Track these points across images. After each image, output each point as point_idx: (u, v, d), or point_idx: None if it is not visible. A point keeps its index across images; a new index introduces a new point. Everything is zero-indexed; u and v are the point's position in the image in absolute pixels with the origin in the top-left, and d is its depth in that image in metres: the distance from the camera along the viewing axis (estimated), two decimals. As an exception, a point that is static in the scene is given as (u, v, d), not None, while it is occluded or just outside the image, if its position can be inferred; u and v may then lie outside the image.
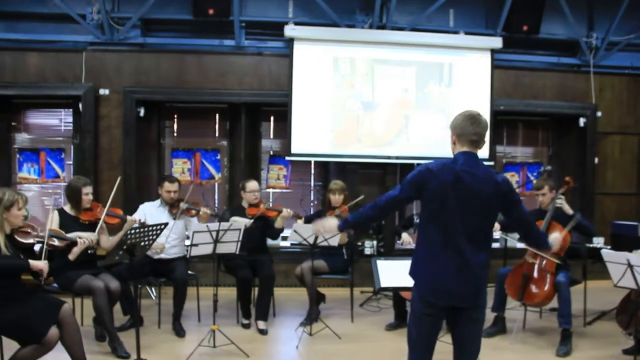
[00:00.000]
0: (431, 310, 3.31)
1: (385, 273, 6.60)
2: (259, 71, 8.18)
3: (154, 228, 4.96)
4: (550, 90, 8.73)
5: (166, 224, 5.13)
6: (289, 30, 7.84)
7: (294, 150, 7.93)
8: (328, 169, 8.54)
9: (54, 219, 5.35)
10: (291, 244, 8.02)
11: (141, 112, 7.98)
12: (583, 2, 8.82)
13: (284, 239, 8.02)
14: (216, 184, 8.62)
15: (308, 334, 5.86)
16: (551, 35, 8.74)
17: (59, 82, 7.82)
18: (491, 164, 8.34)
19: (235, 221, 6.13)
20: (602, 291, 6.58)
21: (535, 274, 5.67)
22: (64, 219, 5.40)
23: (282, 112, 8.14)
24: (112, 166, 7.89)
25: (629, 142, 8.98)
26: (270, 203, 6.64)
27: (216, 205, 8.61)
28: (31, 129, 8.31)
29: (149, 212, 6.23)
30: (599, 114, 8.77)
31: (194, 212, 6.24)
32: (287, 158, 8.19)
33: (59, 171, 8.21)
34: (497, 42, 8.22)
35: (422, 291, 3.33)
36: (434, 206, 3.28)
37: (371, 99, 8.04)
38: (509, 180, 3.46)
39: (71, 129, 8.24)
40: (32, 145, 8.24)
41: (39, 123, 8.34)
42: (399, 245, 7.78)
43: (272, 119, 8.67)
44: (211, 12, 7.80)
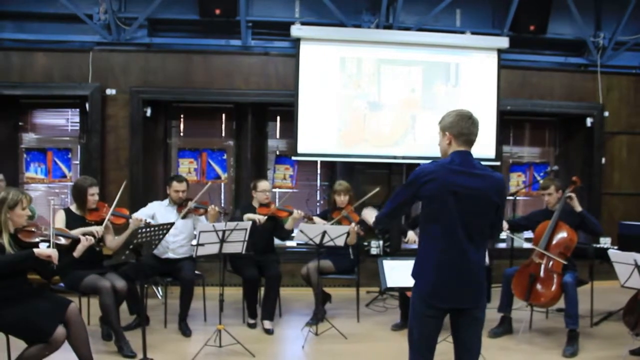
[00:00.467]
0: (433, 312, 3.31)
1: (391, 273, 6.60)
2: (265, 71, 8.18)
3: (160, 227, 4.98)
4: (557, 90, 8.70)
5: (172, 224, 5.15)
6: (296, 30, 7.84)
7: (300, 150, 7.93)
8: (334, 169, 8.54)
9: (59, 218, 5.37)
10: (297, 244, 8.02)
11: (148, 112, 8.00)
12: (590, 2, 8.78)
13: (290, 239, 8.02)
14: (222, 184, 8.63)
15: (314, 334, 5.86)
16: (558, 35, 8.71)
17: (66, 82, 7.84)
18: (498, 164, 8.33)
19: (248, 217, 6.15)
20: (609, 291, 6.56)
21: (542, 274, 5.65)
22: (70, 218, 5.43)
23: (288, 112, 8.14)
24: (119, 166, 7.91)
25: (636, 142, 8.93)
26: (277, 203, 6.63)
27: (222, 205, 8.62)
28: (38, 128, 8.35)
29: (159, 211, 6.24)
30: (606, 114, 8.74)
31: (202, 210, 6.24)
32: (293, 158, 8.19)
33: (65, 171, 8.24)
34: (504, 42, 8.19)
35: (424, 293, 3.32)
36: (434, 207, 3.29)
37: (378, 98, 8.03)
38: (504, 180, 3.47)
39: (78, 128, 8.27)
40: (39, 145, 8.28)
41: (46, 123, 8.37)
42: (405, 245, 7.80)
43: (278, 118, 8.68)
44: (218, 12, 7.80)
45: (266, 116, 8.60)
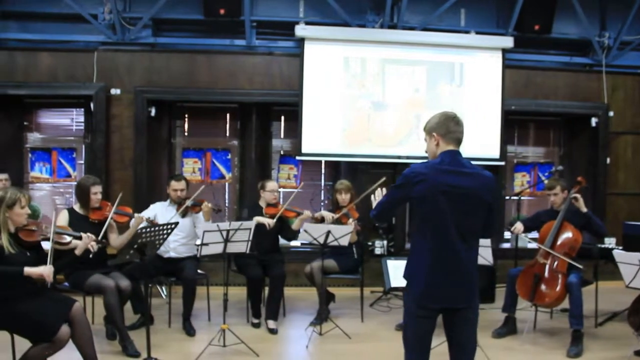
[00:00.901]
0: (426, 312, 3.30)
1: (395, 273, 6.62)
2: (269, 71, 8.18)
3: (165, 227, 4.98)
4: (562, 90, 8.68)
5: (176, 224, 5.16)
6: (300, 30, 7.84)
7: (304, 150, 7.93)
8: (338, 169, 8.53)
9: (63, 218, 5.38)
10: (301, 244, 8.03)
11: (152, 111, 8.00)
12: (595, 2, 8.75)
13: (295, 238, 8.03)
14: (227, 184, 8.63)
15: (318, 334, 5.86)
16: (563, 34, 8.68)
17: (70, 81, 7.85)
18: (502, 164, 8.32)
19: (258, 221, 6.14)
20: (613, 292, 6.54)
21: (546, 275, 5.65)
22: (73, 218, 5.43)
23: (292, 112, 8.14)
24: (123, 166, 7.92)
25: (641, 142, 8.92)
26: (290, 203, 6.59)
27: (226, 205, 8.63)
28: (43, 128, 8.36)
29: (160, 211, 6.26)
30: (611, 113, 8.71)
31: (198, 208, 6.24)
32: (297, 158, 8.18)
33: (70, 171, 8.26)
34: (508, 42, 8.18)
35: (416, 294, 3.31)
36: (425, 208, 3.28)
37: (382, 98, 8.03)
38: (495, 179, 3.46)
39: (83, 128, 8.29)
40: (43, 144, 8.29)
41: (50, 123, 8.38)
42: (409, 245, 7.77)
43: (282, 118, 8.68)
44: (222, 12, 7.81)
45: (270, 116, 8.59)
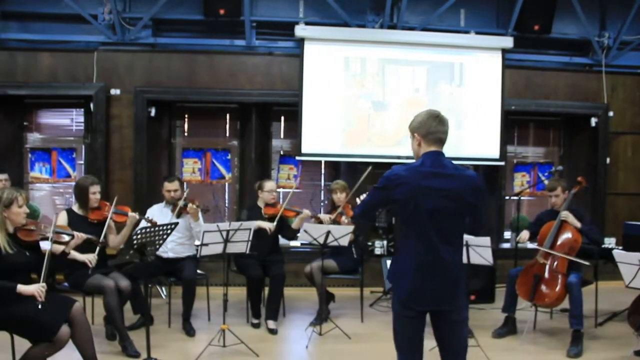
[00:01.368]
0: (412, 313, 3.27)
1: (395, 273, 6.58)
2: (269, 71, 8.19)
3: (164, 228, 4.98)
4: (562, 90, 8.68)
5: (176, 224, 5.16)
6: (300, 30, 7.84)
7: (304, 150, 7.93)
8: (338, 169, 8.54)
9: (62, 219, 5.37)
10: (301, 244, 8.03)
11: (152, 111, 8.01)
12: (595, 2, 8.75)
13: (295, 239, 8.02)
14: (227, 184, 8.63)
15: (318, 334, 5.86)
16: (563, 34, 8.68)
17: (70, 82, 7.85)
18: (502, 164, 8.33)
19: (259, 226, 6.13)
20: (613, 292, 6.54)
21: (546, 275, 5.64)
22: (72, 218, 5.43)
23: (292, 112, 8.14)
24: (123, 166, 7.92)
25: (641, 141, 8.93)
26: (286, 204, 6.58)
27: (226, 205, 8.63)
28: (43, 128, 8.36)
29: (156, 214, 6.22)
30: (610, 113, 8.71)
31: (187, 208, 6.21)
32: (297, 158, 8.18)
33: (70, 171, 8.25)
34: (508, 42, 8.18)
35: (401, 296, 3.29)
36: (407, 211, 3.25)
37: (382, 98, 8.03)
38: (479, 178, 3.43)
39: (82, 128, 8.29)
40: (43, 144, 8.29)
41: (50, 123, 8.39)
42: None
43: (282, 118, 8.68)
44: (222, 12, 7.81)
45: (270, 116, 8.59)
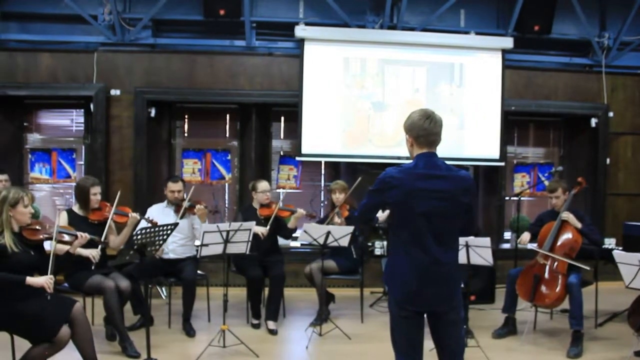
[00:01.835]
0: (408, 313, 3.28)
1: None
2: (269, 71, 8.19)
3: (164, 228, 4.97)
4: (562, 90, 8.68)
5: (176, 224, 5.15)
6: (300, 31, 7.84)
7: (304, 151, 7.93)
8: (338, 170, 8.54)
9: (62, 219, 5.37)
10: (301, 244, 8.02)
11: (152, 112, 8.01)
12: (595, 2, 8.76)
13: (294, 239, 8.01)
14: (227, 184, 8.63)
15: (318, 334, 5.86)
16: (563, 35, 8.69)
17: (70, 82, 7.86)
18: (502, 164, 8.32)
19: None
20: (613, 292, 6.53)
21: (546, 275, 5.64)
22: (72, 219, 5.41)
23: (292, 113, 8.14)
24: (123, 166, 7.92)
25: (641, 142, 8.93)
26: (281, 203, 6.58)
27: (226, 205, 8.63)
28: (43, 129, 8.36)
29: (156, 214, 6.20)
30: (610, 114, 8.71)
31: (194, 209, 6.21)
32: (297, 158, 8.18)
33: (70, 171, 8.25)
34: (508, 42, 8.18)
35: (397, 296, 3.30)
36: (401, 212, 3.27)
37: (382, 99, 8.03)
38: (472, 178, 3.42)
39: (82, 129, 8.29)
40: (43, 145, 8.29)
41: (50, 123, 8.39)
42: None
43: (282, 119, 8.68)
44: (222, 12, 7.81)
45: (270, 116, 8.59)
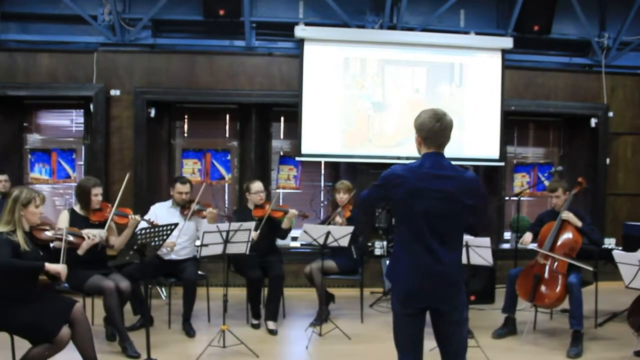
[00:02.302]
0: (410, 311, 3.29)
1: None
2: (269, 72, 8.18)
3: (164, 228, 4.96)
4: (562, 90, 8.68)
5: (176, 224, 5.13)
6: (300, 31, 7.84)
7: (304, 151, 7.93)
8: (338, 170, 8.53)
9: (64, 219, 5.38)
10: (301, 245, 8.02)
11: (152, 112, 8.01)
12: (595, 2, 8.77)
13: (294, 239, 8.03)
14: (226, 185, 8.63)
15: (318, 335, 5.86)
16: (563, 35, 8.69)
17: (70, 82, 7.85)
18: (502, 164, 8.32)
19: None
20: (613, 292, 6.55)
21: (546, 275, 5.64)
22: (74, 219, 5.42)
23: (292, 113, 8.14)
24: (123, 166, 7.90)
25: (641, 142, 8.93)
26: (274, 204, 6.57)
27: (226, 205, 8.63)
28: (43, 129, 8.36)
29: (160, 213, 6.21)
30: (610, 114, 8.72)
31: (204, 213, 6.21)
32: (297, 158, 8.18)
33: (70, 172, 8.25)
34: (508, 43, 8.18)
35: (400, 293, 3.32)
36: (404, 210, 3.28)
37: (382, 99, 8.03)
38: (479, 179, 3.41)
39: (82, 129, 8.29)
40: (43, 145, 8.29)
41: (50, 124, 8.38)
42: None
43: (282, 119, 8.68)
44: (222, 12, 7.82)
45: (270, 117, 8.59)
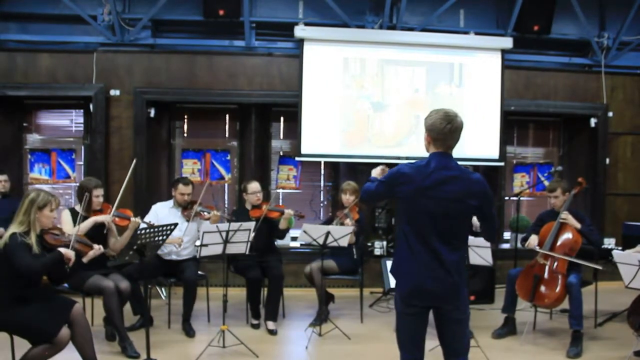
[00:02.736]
0: (413, 310, 3.31)
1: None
2: (269, 72, 8.18)
3: (164, 228, 4.97)
4: (562, 90, 8.68)
5: (176, 224, 5.13)
6: (299, 31, 7.84)
7: (304, 151, 7.92)
8: (338, 170, 8.53)
9: (65, 218, 5.38)
10: (301, 245, 8.02)
11: (152, 112, 8.02)
12: (595, 2, 8.77)
13: (293, 239, 8.02)
14: (226, 185, 8.63)
15: (317, 335, 5.86)
16: (562, 35, 8.70)
17: (70, 82, 7.85)
18: (501, 164, 8.32)
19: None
20: (613, 292, 6.55)
21: (546, 275, 5.64)
22: (75, 218, 5.40)
23: (292, 113, 8.14)
24: (123, 167, 7.88)
25: (640, 142, 8.93)
26: (272, 204, 6.56)
27: (226, 205, 8.63)
28: (42, 129, 8.36)
29: (161, 212, 6.21)
30: (610, 114, 8.72)
31: (206, 215, 6.20)
32: (297, 158, 8.18)
33: (69, 172, 8.25)
34: (507, 42, 8.18)
35: (403, 291, 3.34)
36: (408, 209, 3.29)
37: (381, 99, 8.02)
38: (484, 181, 3.40)
39: (82, 129, 8.29)
40: (43, 145, 8.29)
41: (50, 124, 8.38)
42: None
43: (282, 119, 8.68)
44: (221, 12, 7.83)
45: (270, 117, 8.59)
